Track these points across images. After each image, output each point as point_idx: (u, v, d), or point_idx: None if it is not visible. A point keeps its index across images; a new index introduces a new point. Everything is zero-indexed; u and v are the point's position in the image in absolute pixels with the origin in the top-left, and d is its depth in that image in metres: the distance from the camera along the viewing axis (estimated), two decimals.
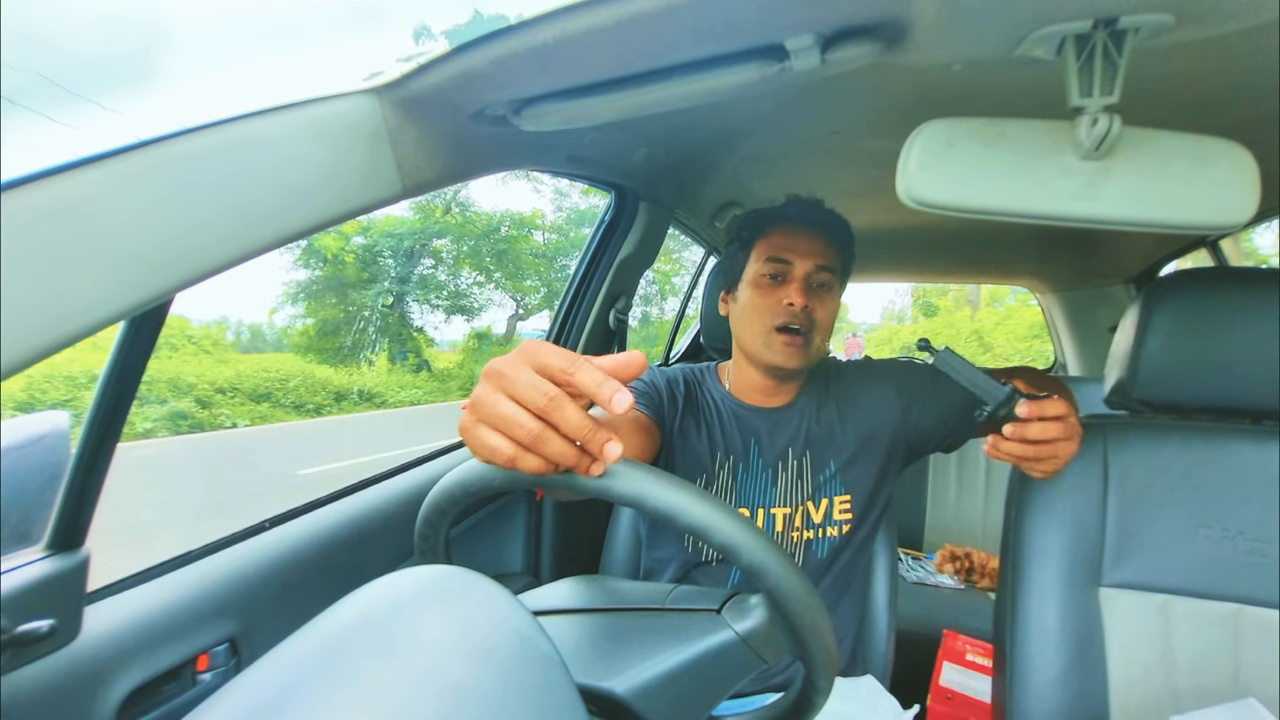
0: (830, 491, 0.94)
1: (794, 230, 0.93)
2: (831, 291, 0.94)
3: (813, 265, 0.91)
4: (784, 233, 0.94)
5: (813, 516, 0.93)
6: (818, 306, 0.91)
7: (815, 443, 0.95)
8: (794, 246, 0.92)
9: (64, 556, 0.58)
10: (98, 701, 0.59)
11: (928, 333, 12.45)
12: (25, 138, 7.93)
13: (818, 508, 0.93)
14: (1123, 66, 0.50)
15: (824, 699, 0.51)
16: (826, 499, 0.93)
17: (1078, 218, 0.54)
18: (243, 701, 0.32)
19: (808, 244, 0.92)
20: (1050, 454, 0.71)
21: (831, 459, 0.94)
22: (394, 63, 0.57)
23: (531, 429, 0.39)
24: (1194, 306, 0.82)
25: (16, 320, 0.38)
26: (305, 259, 10.52)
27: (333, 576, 0.85)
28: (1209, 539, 0.80)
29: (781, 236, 0.93)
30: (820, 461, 0.94)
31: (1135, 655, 0.80)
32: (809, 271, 0.91)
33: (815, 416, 0.96)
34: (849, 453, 0.94)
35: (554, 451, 0.40)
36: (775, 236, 0.94)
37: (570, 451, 0.40)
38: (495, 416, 0.40)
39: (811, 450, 0.95)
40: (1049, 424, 0.69)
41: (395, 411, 9.48)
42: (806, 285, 0.91)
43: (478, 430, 0.41)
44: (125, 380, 0.59)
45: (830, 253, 0.93)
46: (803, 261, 0.91)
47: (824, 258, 0.92)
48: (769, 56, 0.56)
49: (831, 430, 0.95)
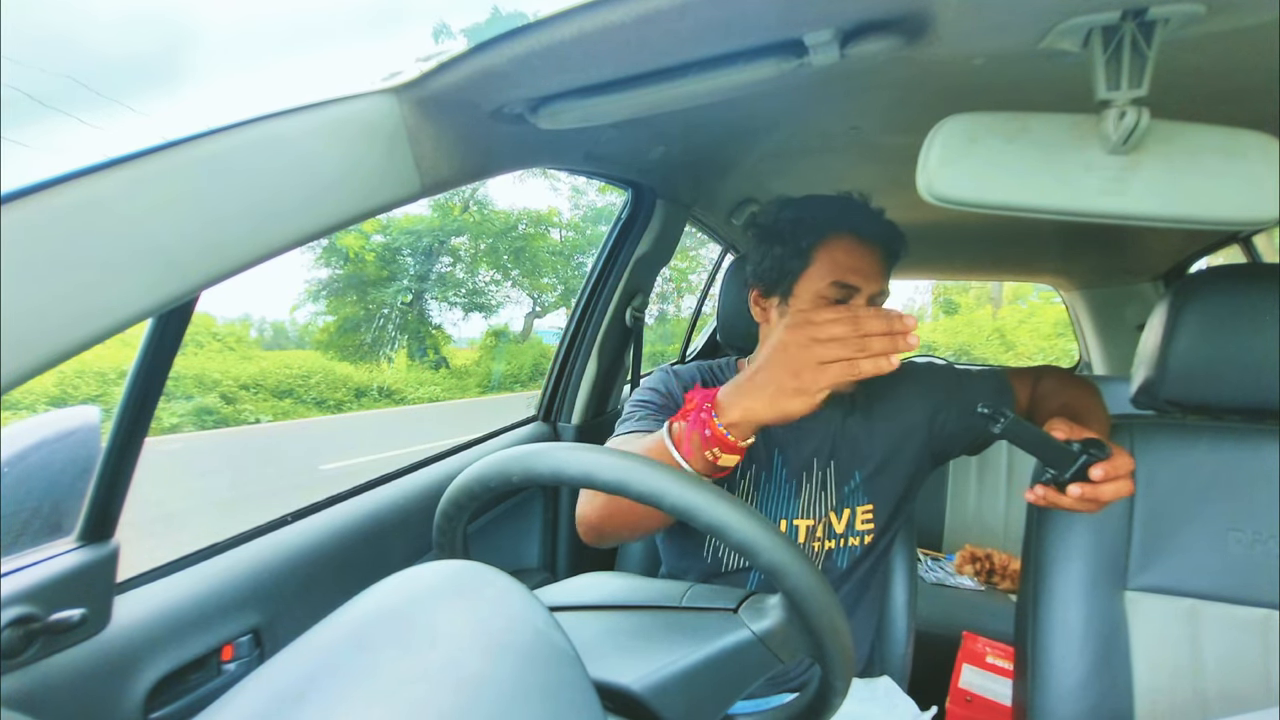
0: (854, 502, 0.91)
1: (861, 247, 0.85)
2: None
3: (876, 290, 0.85)
4: (851, 250, 0.85)
5: (835, 527, 0.91)
6: None
7: (841, 453, 0.92)
8: (862, 269, 0.85)
9: (95, 548, 0.59)
10: (127, 689, 0.61)
11: (948, 330, 12.18)
12: (59, 140, 8.13)
13: (840, 518, 0.91)
14: (1152, 58, 0.49)
15: (841, 700, 0.51)
16: (849, 509, 0.91)
17: (1104, 213, 0.53)
18: (266, 691, 0.33)
19: (873, 264, 0.85)
20: (1104, 506, 0.68)
21: (857, 469, 0.92)
22: (413, 62, 0.57)
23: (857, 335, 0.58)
24: (1225, 304, 0.80)
25: (48, 318, 0.39)
26: (326, 257, 10.65)
27: (353, 570, 0.86)
28: (1240, 543, 0.78)
29: (848, 255, 0.85)
30: (845, 472, 0.92)
31: (1162, 660, 0.78)
32: (873, 295, 0.85)
33: (841, 425, 0.93)
34: (874, 463, 0.92)
35: (877, 345, 0.58)
36: (840, 254, 0.85)
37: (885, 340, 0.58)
38: (827, 336, 0.58)
39: (836, 460, 0.92)
40: (1121, 482, 0.66)
41: (414, 408, 9.58)
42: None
43: (815, 351, 0.59)
44: (153, 376, 0.61)
45: (887, 272, 0.88)
46: (869, 285, 0.84)
47: (884, 280, 0.87)
48: (787, 52, 0.55)
49: (858, 440, 0.93)
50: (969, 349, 12.57)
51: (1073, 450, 0.67)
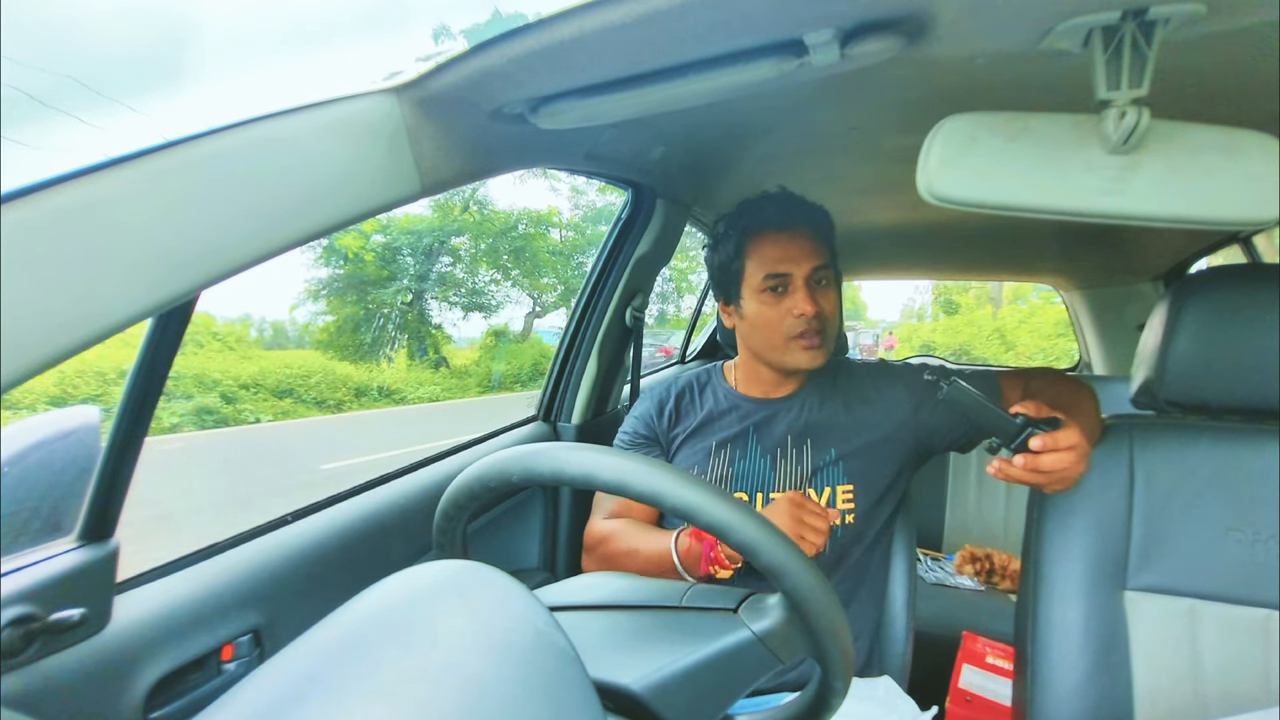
0: (832, 479, 0.94)
1: (782, 235, 0.93)
2: (831, 285, 0.95)
3: (810, 268, 0.92)
4: (773, 240, 0.93)
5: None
6: (824, 304, 0.93)
7: (814, 429, 0.96)
8: (788, 255, 0.92)
9: (95, 547, 0.59)
10: (126, 689, 0.61)
11: (948, 330, 12.23)
12: (61, 140, 8.14)
13: (819, 494, 0.94)
14: (1152, 58, 0.49)
15: (840, 700, 0.51)
16: (829, 487, 0.94)
17: (1104, 213, 0.53)
18: (266, 691, 0.33)
19: (799, 247, 0.93)
20: (1060, 479, 0.72)
21: (833, 446, 0.95)
22: (413, 62, 0.57)
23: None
24: (1225, 304, 0.80)
25: (47, 317, 0.39)
26: (326, 257, 10.66)
27: (353, 570, 0.86)
28: (1240, 543, 0.78)
29: (772, 246, 0.93)
30: (820, 447, 0.95)
31: (1161, 661, 0.78)
32: (808, 275, 0.92)
33: (817, 406, 0.98)
34: (854, 444, 0.95)
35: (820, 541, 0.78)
36: (766, 247, 0.93)
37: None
38: (804, 525, 0.77)
39: (811, 437, 0.96)
40: (1062, 454, 0.70)
41: (414, 408, 9.58)
42: (809, 288, 0.92)
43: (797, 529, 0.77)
44: (153, 376, 0.61)
45: (821, 248, 0.94)
46: (800, 267, 0.92)
47: (818, 256, 0.93)
48: (787, 52, 0.55)
49: (834, 419, 0.96)
50: (969, 349, 12.58)
51: (1014, 421, 0.70)
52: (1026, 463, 0.70)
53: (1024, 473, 0.71)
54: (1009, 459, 0.72)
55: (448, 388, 10.47)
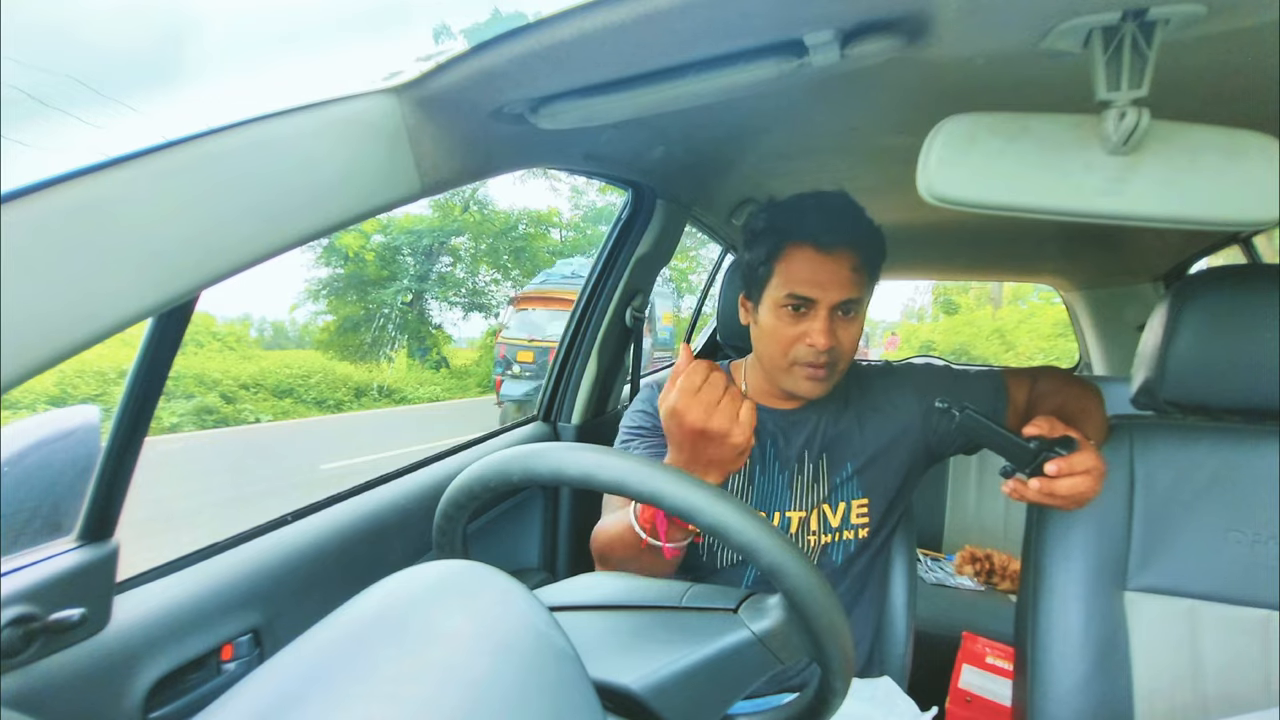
0: (847, 495, 0.92)
1: (819, 255, 0.83)
2: (857, 316, 0.87)
3: (838, 299, 0.83)
4: (808, 258, 0.83)
5: (830, 520, 0.92)
6: (843, 337, 0.85)
7: (832, 444, 0.93)
8: (818, 280, 0.82)
9: (94, 547, 0.59)
10: (126, 689, 0.61)
11: (948, 330, 12.23)
12: (63, 139, 8.14)
13: (834, 510, 0.92)
14: (1152, 58, 0.49)
15: (840, 700, 0.51)
16: (844, 503, 0.92)
17: (1104, 214, 0.53)
18: (266, 691, 0.33)
19: (832, 273, 0.82)
20: (1075, 502, 0.70)
21: (849, 460, 0.93)
22: (413, 62, 0.57)
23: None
24: (1225, 305, 0.80)
25: (47, 317, 0.39)
26: (326, 257, 10.67)
27: (353, 570, 0.86)
28: (1240, 543, 0.78)
29: (805, 265, 0.83)
30: (837, 463, 0.93)
31: (1161, 661, 0.78)
32: (834, 305, 0.83)
33: (834, 419, 0.94)
34: (867, 455, 0.93)
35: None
36: (798, 263, 0.83)
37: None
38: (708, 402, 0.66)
39: (828, 452, 0.93)
40: (1078, 479, 0.67)
41: (414, 408, 9.58)
42: (830, 318, 0.83)
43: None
44: (153, 376, 0.61)
45: (859, 279, 0.84)
46: (828, 295, 0.82)
47: (852, 289, 0.84)
48: (787, 52, 0.55)
49: (850, 433, 0.94)
50: (969, 349, 12.57)
51: (1029, 447, 0.68)
52: (1042, 486, 0.68)
53: (1039, 495, 0.68)
54: (1024, 480, 0.69)
55: (448, 387, 10.47)
